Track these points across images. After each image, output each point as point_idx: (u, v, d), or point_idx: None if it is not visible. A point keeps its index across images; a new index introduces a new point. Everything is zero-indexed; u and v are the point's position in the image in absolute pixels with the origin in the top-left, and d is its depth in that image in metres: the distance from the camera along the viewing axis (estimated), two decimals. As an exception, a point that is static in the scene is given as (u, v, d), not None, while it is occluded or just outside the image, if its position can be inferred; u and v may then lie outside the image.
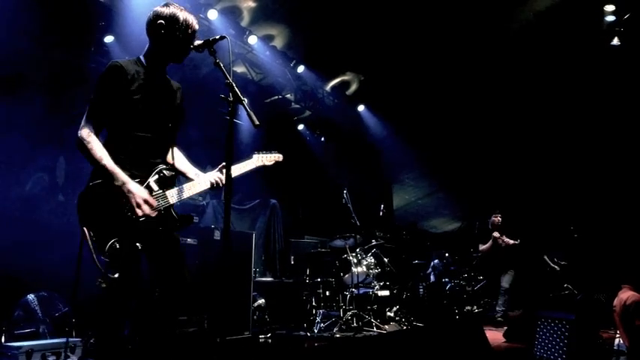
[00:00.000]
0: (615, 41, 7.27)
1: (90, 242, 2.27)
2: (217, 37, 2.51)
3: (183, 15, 2.56)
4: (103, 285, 2.25)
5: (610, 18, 7.18)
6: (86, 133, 2.38)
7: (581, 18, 7.20)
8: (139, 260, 2.43)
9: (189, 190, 2.65)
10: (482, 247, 7.36)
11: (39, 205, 5.43)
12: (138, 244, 2.35)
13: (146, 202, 2.39)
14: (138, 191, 2.38)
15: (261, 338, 5.50)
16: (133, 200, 2.35)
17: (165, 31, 2.55)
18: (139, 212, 2.36)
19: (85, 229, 2.29)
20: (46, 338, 4.07)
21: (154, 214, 2.43)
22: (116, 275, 2.25)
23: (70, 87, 5.78)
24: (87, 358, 3.82)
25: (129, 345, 3.67)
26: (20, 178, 5.34)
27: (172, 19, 2.54)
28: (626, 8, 7.07)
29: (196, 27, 2.60)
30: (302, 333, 5.82)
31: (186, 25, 2.56)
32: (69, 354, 3.74)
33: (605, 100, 8.22)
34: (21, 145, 5.40)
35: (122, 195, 2.35)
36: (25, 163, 5.41)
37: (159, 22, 2.54)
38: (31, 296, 4.33)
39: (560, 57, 7.79)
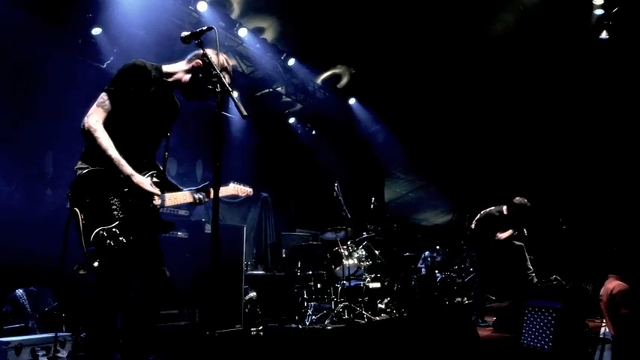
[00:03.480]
0: (604, 35, 7.32)
1: (81, 225, 2.26)
2: (205, 28, 2.49)
3: (221, 69, 2.50)
4: (81, 272, 2.24)
5: (599, 11, 7.22)
6: (94, 121, 2.38)
7: (570, 11, 7.23)
8: (127, 255, 2.41)
9: (175, 199, 2.69)
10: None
11: (27, 199, 5.37)
12: (122, 239, 2.34)
13: (152, 193, 2.46)
14: (145, 181, 2.45)
15: (253, 331, 5.52)
16: (144, 187, 2.40)
17: (197, 72, 2.59)
18: (156, 201, 2.49)
19: (76, 210, 2.28)
20: (35, 333, 4.04)
21: (159, 201, 2.53)
22: (96, 264, 2.23)
23: (58, 81, 5.70)
24: (77, 353, 3.81)
25: (120, 339, 3.66)
26: (7, 172, 5.27)
27: (211, 67, 2.42)
28: (614, 2, 7.11)
29: (226, 87, 2.44)
30: (294, 326, 5.84)
31: (216, 82, 2.39)
32: (59, 348, 3.72)
33: (594, 94, 8.28)
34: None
35: (129, 185, 2.38)
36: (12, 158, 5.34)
37: (198, 60, 2.57)
38: (19, 291, 4.31)
39: (549, 50, 7.83)
